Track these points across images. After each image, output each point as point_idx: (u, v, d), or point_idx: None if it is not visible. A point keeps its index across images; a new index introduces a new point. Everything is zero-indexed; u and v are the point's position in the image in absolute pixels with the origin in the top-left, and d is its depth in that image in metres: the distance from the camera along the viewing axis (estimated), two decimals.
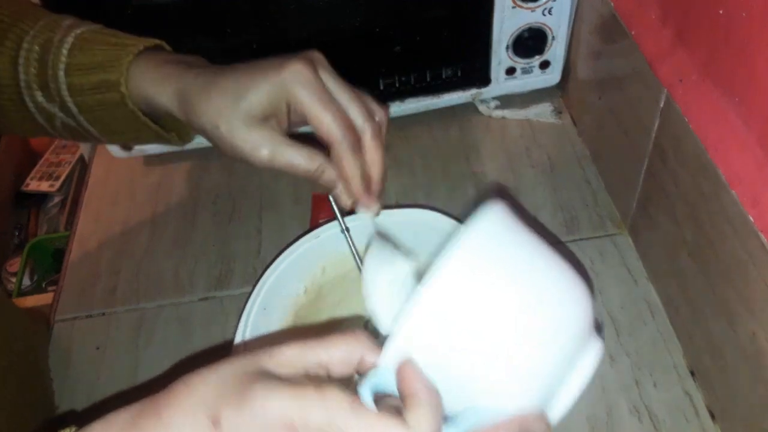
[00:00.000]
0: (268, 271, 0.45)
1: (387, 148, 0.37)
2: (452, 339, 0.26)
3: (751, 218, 0.36)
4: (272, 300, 0.44)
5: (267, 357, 0.26)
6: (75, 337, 0.54)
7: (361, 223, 0.41)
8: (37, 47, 0.39)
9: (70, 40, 0.39)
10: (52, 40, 0.39)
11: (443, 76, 0.62)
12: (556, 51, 0.62)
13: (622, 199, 0.56)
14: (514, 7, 0.57)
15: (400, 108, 0.64)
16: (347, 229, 0.42)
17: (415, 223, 0.46)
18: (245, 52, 0.59)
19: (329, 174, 0.37)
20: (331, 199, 0.40)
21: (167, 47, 0.42)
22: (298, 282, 0.46)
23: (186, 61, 0.40)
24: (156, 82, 0.38)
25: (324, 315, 0.47)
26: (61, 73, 0.39)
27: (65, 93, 0.39)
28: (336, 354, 0.27)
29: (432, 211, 0.47)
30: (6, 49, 0.40)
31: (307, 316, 0.46)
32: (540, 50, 0.61)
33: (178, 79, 0.38)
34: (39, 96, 0.40)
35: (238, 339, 0.41)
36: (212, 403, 0.25)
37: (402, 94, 0.63)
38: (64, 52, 0.39)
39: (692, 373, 0.46)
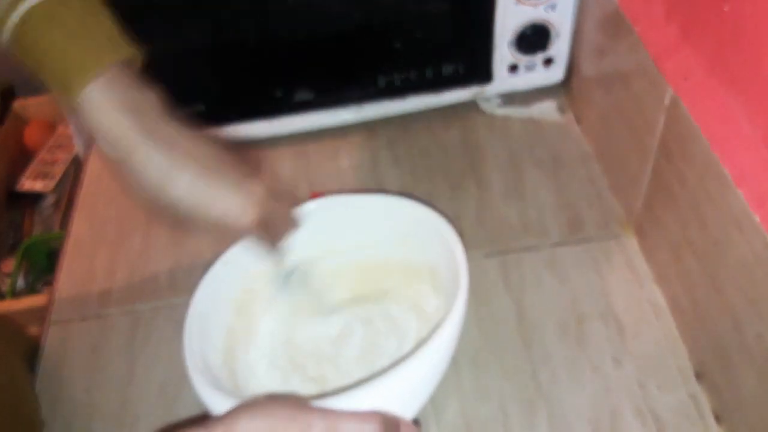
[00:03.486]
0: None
1: (388, 147, 0.36)
2: None
3: (757, 218, 0.35)
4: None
5: None
6: (70, 339, 0.53)
7: None
8: None
9: (19, 13, 0.34)
10: None
11: (444, 73, 0.62)
12: (559, 47, 0.61)
13: (626, 199, 0.55)
14: (516, 3, 0.57)
15: (400, 106, 0.63)
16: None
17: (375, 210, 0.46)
18: (242, 50, 0.58)
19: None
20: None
21: (136, 59, 0.38)
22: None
23: (143, 109, 0.37)
24: (106, 120, 0.36)
25: None
26: (6, 35, 0.35)
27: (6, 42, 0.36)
28: None
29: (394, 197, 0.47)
30: None
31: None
32: (543, 47, 0.61)
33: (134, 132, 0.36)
34: None
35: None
36: None
37: (402, 92, 0.62)
38: (10, 25, 0.34)
39: (697, 376, 0.46)
